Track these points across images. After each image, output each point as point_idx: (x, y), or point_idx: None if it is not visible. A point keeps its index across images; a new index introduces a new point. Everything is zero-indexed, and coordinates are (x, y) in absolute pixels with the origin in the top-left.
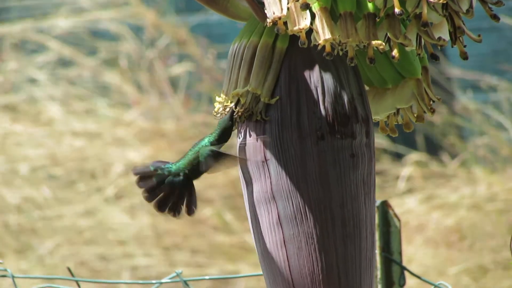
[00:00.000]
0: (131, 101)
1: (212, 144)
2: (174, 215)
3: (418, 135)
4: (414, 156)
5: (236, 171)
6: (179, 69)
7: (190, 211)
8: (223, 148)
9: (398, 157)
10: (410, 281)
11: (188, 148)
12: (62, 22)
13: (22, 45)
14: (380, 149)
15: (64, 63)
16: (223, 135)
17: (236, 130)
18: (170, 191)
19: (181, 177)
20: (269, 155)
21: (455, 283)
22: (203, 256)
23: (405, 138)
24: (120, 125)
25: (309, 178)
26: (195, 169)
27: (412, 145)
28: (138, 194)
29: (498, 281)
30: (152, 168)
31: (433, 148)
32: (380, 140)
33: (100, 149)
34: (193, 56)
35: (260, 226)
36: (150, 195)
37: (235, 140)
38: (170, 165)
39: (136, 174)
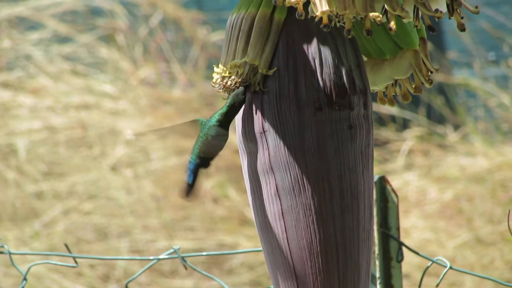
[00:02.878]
0: (129, 75)
1: (220, 121)
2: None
3: (421, 106)
4: (415, 130)
5: (236, 142)
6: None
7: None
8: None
9: (402, 126)
10: (408, 256)
11: (196, 117)
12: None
13: (18, 23)
14: (386, 115)
15: (60, 39)
16: (232, 110)
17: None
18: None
19: (196, 162)
20: (267, 126)
21: (454, 256)
22: (202, 229)
23: (409, 106)
24: (121, 96)
25: (307, 149)
26: (209, 150)
27: (414, 115)
28: (139, 165)
29: (497, 254)
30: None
31: (435, 119)
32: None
33: (101, 120)
34: (188, 30)
35: (258, 198)
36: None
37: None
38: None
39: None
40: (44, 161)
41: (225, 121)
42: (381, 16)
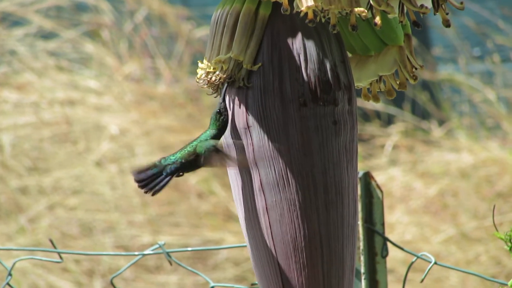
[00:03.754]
0: (113, 70)
1: (213, 138)
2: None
3: (406, 102)
4: (400, 125)
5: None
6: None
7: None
8: None
9: (387, 122)
10: (393, 251)
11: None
12: None
13: (3, 19)
14: (371, 110)
15: (45, 35)
16: (222, 129)
17: (218, 97)
18: (162, 178)
19: (174, 166)
20: (251, 121)
21: (439, 251)
22: (187, 224)
23: (394, 101)
24: (106, 92)
25: (292, 144)
26: (192, 161)
27: (399, 111)
28: (124, 160)
29: (482, 250)
30: (151, 164)
31: (420, 114)
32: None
33: (85, 115)
34: (173, 26)
35: (242, 193)
36: (144, 184)
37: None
38: (169, 157)
39: (135, 174)
40: (29, 157)
41: (217, 137)
42: (366, 11)
